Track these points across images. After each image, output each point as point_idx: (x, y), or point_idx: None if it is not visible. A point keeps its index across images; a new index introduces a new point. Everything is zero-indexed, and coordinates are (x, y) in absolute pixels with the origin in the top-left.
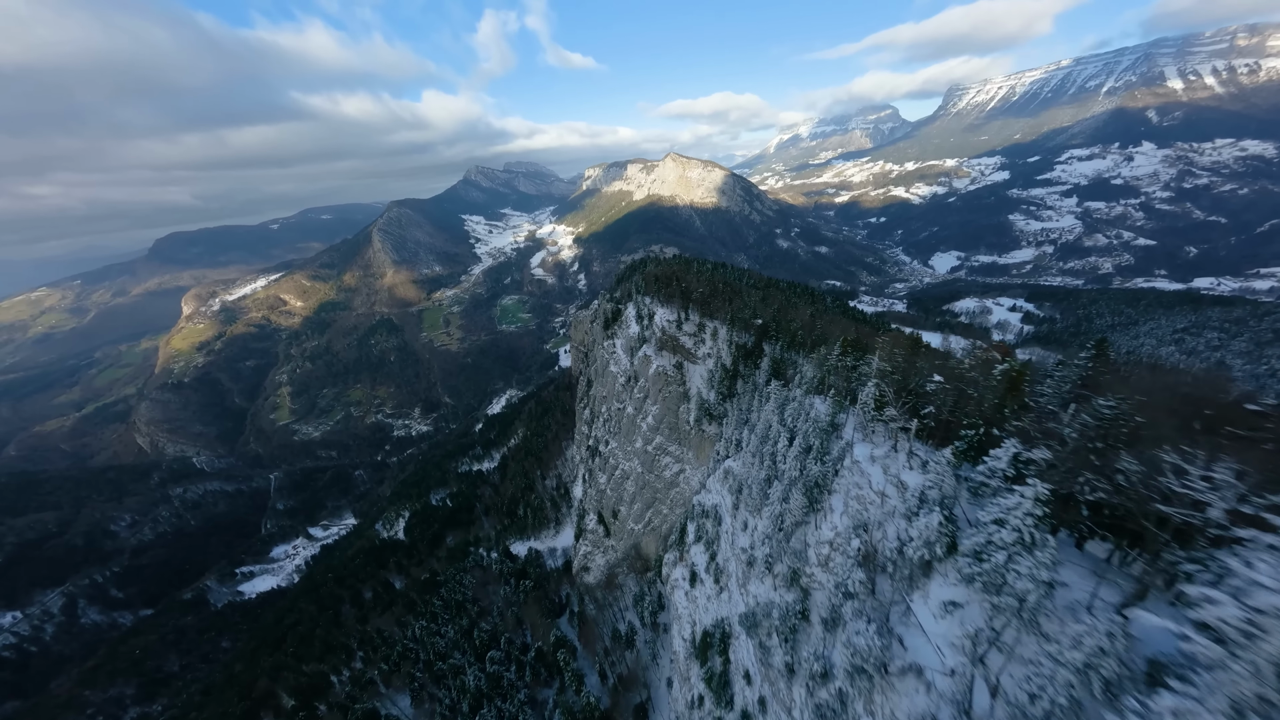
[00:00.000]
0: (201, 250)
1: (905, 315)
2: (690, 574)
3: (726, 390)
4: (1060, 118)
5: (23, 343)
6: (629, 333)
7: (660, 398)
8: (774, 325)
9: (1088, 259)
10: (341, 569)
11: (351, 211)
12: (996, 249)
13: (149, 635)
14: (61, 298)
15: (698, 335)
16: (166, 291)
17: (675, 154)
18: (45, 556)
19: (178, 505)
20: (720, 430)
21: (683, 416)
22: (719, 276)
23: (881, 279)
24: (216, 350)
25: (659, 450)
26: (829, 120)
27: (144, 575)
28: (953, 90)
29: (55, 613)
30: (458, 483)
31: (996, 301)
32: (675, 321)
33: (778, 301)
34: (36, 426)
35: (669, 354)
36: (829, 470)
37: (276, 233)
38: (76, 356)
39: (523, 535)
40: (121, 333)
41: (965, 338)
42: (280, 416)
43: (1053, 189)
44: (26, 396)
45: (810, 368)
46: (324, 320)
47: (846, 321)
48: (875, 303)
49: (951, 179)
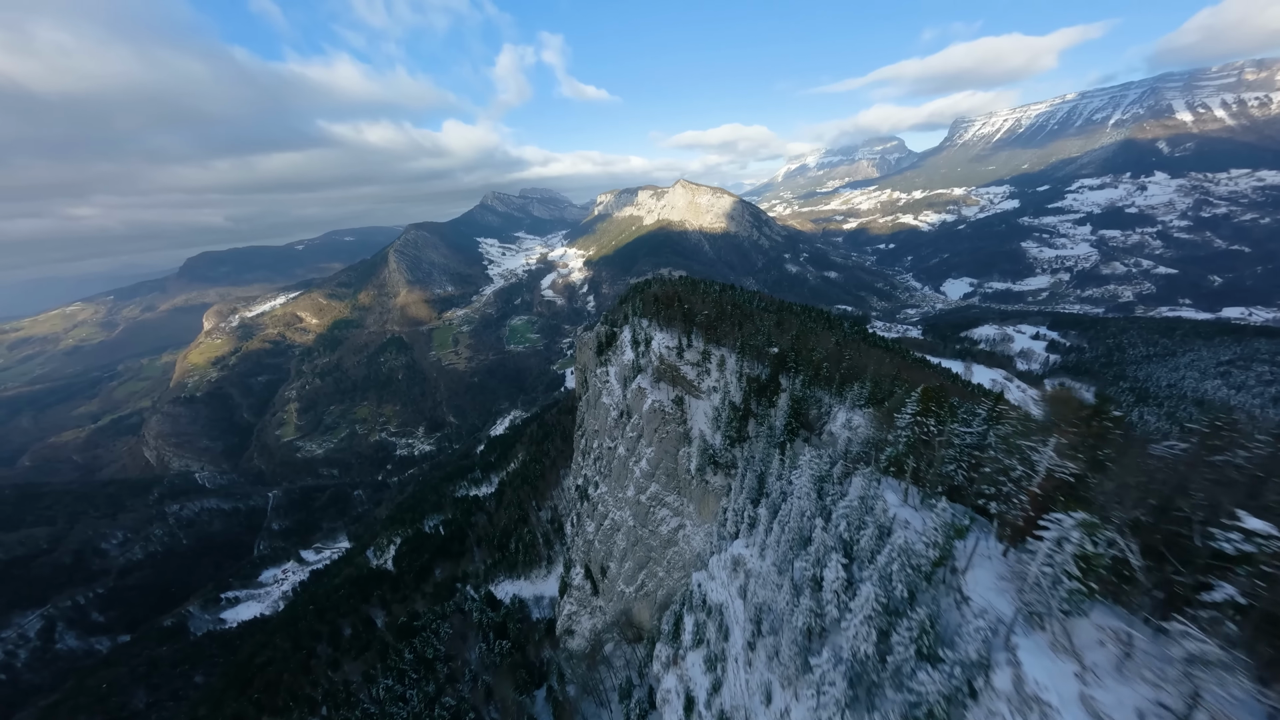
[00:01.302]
0: (229, 269)
1: (922, 342)
2: (686, 696)
3: (735, 433)
4: (1068, 149)
5: (53, 354)
6: (623, 360)
7: (656, 438)
8: (793, 354)
9: (1106, 287)
10: (324, 600)
11: (373, 234)
12: (1010, 276)
13: (119, 667)
14: (94, 312)
15: (701, 365)
16: (193, 308)
17: (685, 181)
18: (31, 575)
19: (172, 523)
20: (727, 482)
21: (682, 462)
22: (727, 298)
23: (893, 304)
24: (231, 365)
25: (654, 501)
26: (836, 151)
27: (128, 598)
28: (958, 122)
29: (31, 637)
30: (453, 508)
31: (1018, 329)
32: (676, 348)
33: (794, 327)
34: (52, 437)
35: (668, 386)
36: (954, 682)
37: (301, 253)
38: (101, 369)
39: (512, 572)
40: (146, 347)
41: (988, 366)
42: (286, 433)
43: (1065, 217)
44: (49, 407)
45: (865, 422)
46: (337, 338)
47: (877, 352)
48: (889, 328)
49: (960, 207)
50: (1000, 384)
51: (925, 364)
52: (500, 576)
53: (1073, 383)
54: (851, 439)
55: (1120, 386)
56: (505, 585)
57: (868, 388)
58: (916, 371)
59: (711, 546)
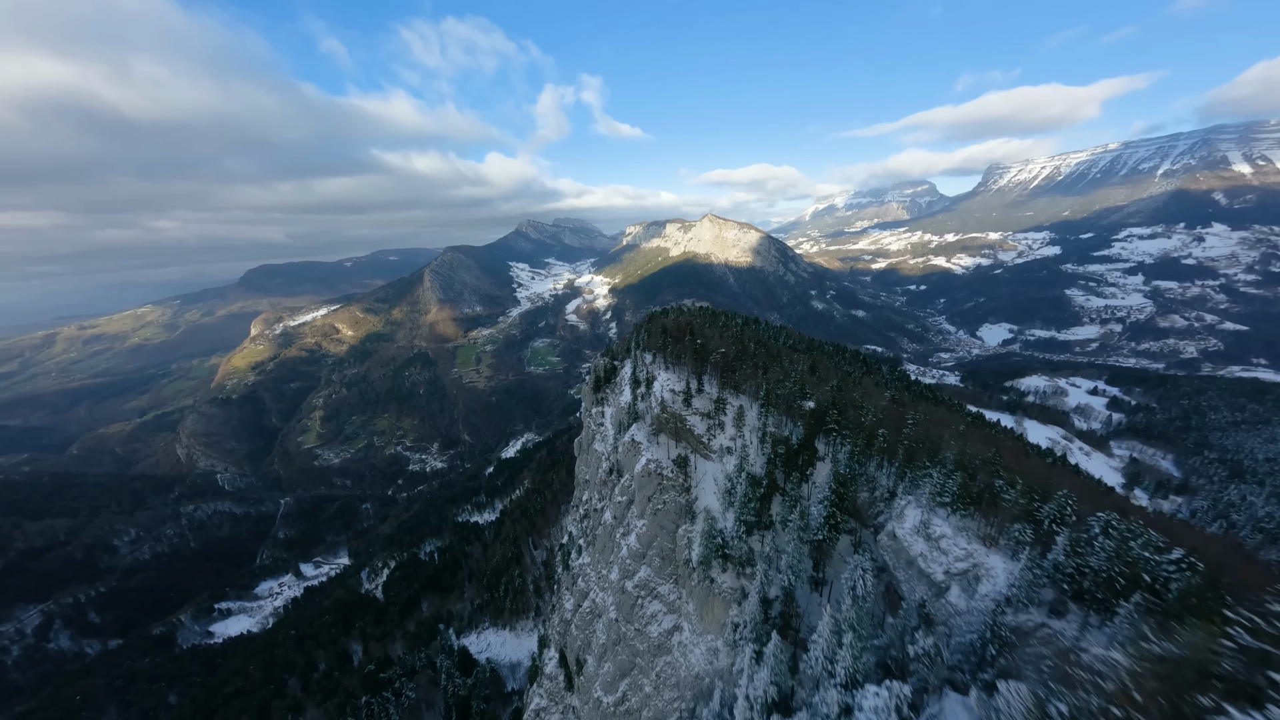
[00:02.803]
0: (283, 281)
1: (962, 390)
2: None
3: (754, 515)
4: (1113, 197)
5: (119, 351)
6: (620, 400)
7: (650, 509)
8: (834, 412)
9: (1165, 341)
10: (307, 625)
11: (415, 255)
12: (1054, 324)
13: (98, 678)
14: (161, 314)
15: (714, 417)
16: (246, 314)
17: (713, 215)
18: (42, 567)
19: (184, 524)
20: (740, 584)
21: (682, 543)
22: (750, 334)
23: (925, 347)
24: (268, 370)
25: (643, 590)
26: (865, 193)
27: (126, 600)
28: (993, 168)
29: (28, 634)
30: (452, 534)
31: (1071, 382)
32: (683, 393)
33: (834, 374)
34: (101, 429)
35: (669, 441)
36: None
37: (349, 269)
38: (156, 367)
39: (498, 619)
40: (200, 348)
41: (1042, 422)
42: (307, 440)
43: (1113, 266)
44: (104, 400)
45: (962, 539)
46: (368, 350)
47: (943, 414)
48: (923, 372)
49: (997, 251)
50: (1060, 444)
51: (1029, 447)
52: (485, 622)
53: (1144, 447)
54: (939, 567)
55: (1206, 457)
56: (488, 634)
57: (956, 476)
58: (1009, 447)
59: (715, 671)
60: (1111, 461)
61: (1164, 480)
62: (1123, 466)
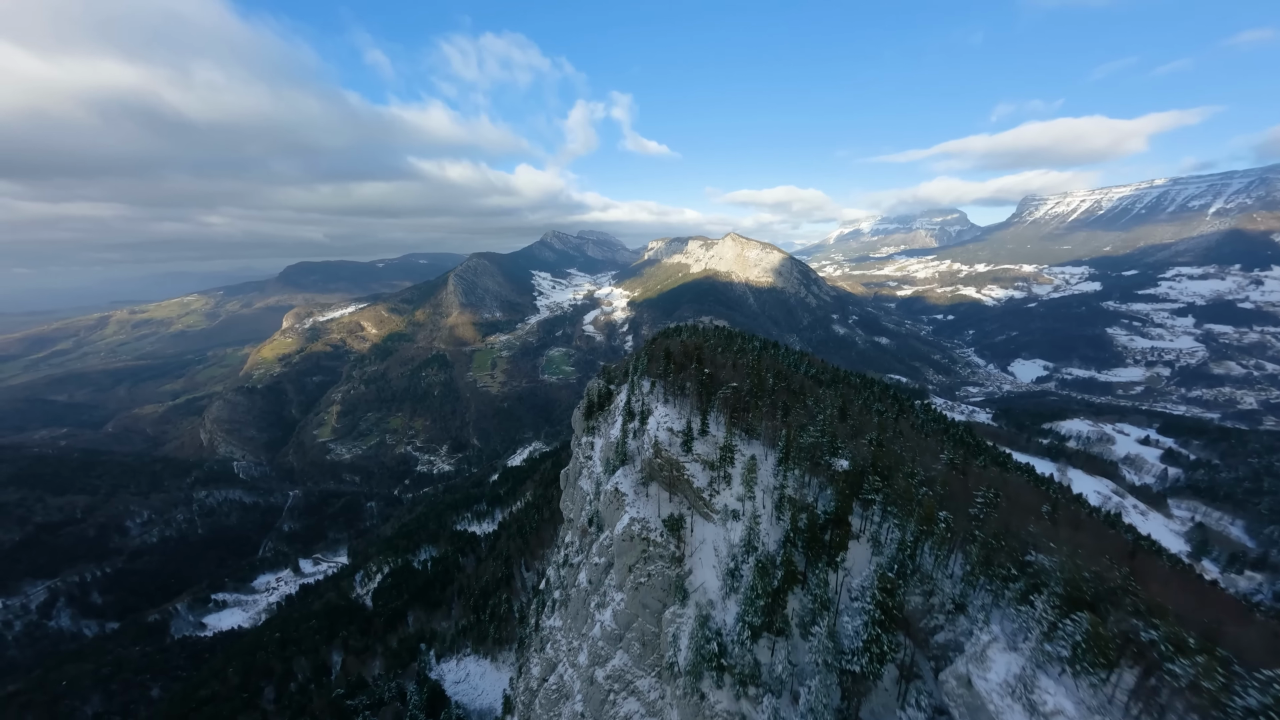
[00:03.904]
0: (318, 278)
1: (995, 430)
2: None
3: (765, 615)
4: (1159, 234)
5: (163, 336)
6: (610, 434)
7: (631, 583)
8: (876, 477)
9: (1220, 389)
10: (293, 628)
11: (444, 259)
12: (1095, 363)
13: (87, 663)
14: (205, 303)
15: (719, 468)
16: (281, 308)
17: (735, 234)
18: (56, 543)
19: (195, 509)
20: (741, 709)
21: (668, 631)
22: (768, 362)
23: (951, 379)
24: (293, 363)
25: (616, 684)
26: (892, 219)
27: (129, 583)
28: (1028, 199)
29: (32, 610)
30: (448, 543)
31: (1118, 428)
32: (683, 433)
33: (870, 418)
34: (136, 409)
35: (661, 493)
36: None
37: (380, 270)
38: (194, 353)
39: (480, 646)
40: (235, 338)
41: (1088, 473)
42: (323, 434)
43: (1160, 306)
44: (143, 381)
45: None
46: (388, 348)
47: (1025, 487)
48: (951, 406)
49: (1031, 284)
50: (1112, 500)
51: (1083, 506)
52: (467, 648)
53: (1208, 510)
54: None
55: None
56: (468, 662)
57: (1082, 621)
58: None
59: None
60: (1171, 524)
61: (1237, 552)
62: (1185, 530)
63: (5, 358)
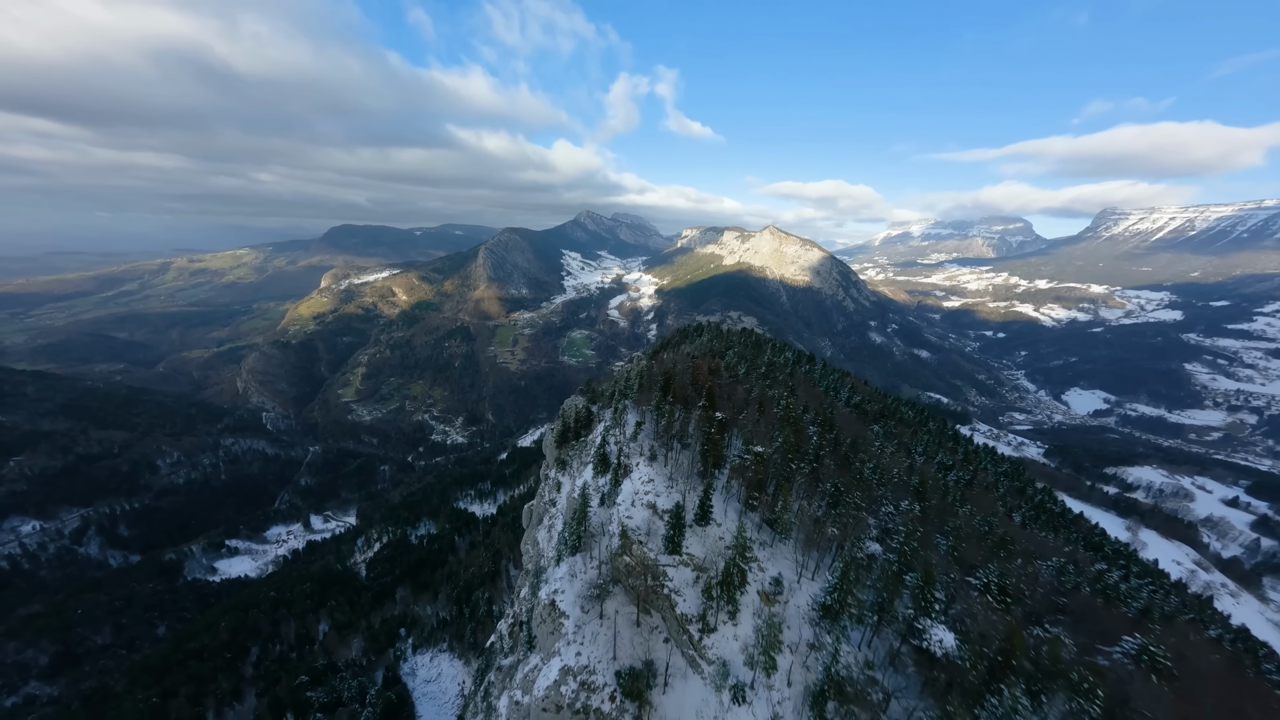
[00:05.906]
0: (358, 241)
1: (1048, 469)
2: None
3: None
4: (1261, 263)
5: (216, 285)
6: (577, 483)
7: None
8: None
9: None
10: (289, 589)
11: (479, 232)
12: (1165, 401)
13: (103, 594)
14: (255, 257)
15: (721, 594)
16: (322, 268)
17: (774, 228)
18: (93, 474)
19: (221, 455)
20: None
21: None
22: (812, 398)
23: (996, 403)
24: (327, 322)
25: None
26: (946, 224)
27: (154, 519)
28: (1107, 213)
29: (65, 535)
30: (448, 520)
31: (1198, 483)
32: (670, 515)
33: (988, 532)
34: (185, 352)
35: (627, 607)
36: None
37: (418, 238)
38: (241, 304)
39: (456, 645)
40: (278, 293)
41: (1164, 535)
42: (347, 394)
43: (1253, 344)
44: (194, 327)
45: None
46: (416, 316)
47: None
48: (995, 434)
49: (1099, 306)
50: (1196, 575)
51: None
52: (444, 643)
53: None
54: None
55: None
56: (442, 660)
57: None
58: None
59: None
60: (1267, 610)
61: None
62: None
63: (80, 294)
